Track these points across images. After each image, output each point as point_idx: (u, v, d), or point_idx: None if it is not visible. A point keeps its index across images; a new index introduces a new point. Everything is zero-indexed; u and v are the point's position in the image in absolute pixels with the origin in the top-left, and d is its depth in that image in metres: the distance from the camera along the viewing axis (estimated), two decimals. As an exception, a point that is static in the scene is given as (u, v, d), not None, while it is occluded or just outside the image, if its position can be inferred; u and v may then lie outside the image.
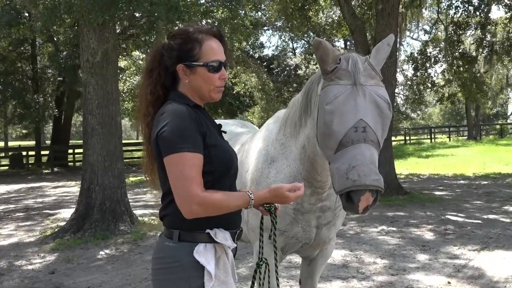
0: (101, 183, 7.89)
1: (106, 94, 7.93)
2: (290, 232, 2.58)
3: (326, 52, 2.07)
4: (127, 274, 5.74)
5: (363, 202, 1.83)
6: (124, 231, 7.75)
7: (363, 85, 1.99)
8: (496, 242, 6.61)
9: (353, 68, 2.02)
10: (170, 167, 1.74)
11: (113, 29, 7.88)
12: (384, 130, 1.99)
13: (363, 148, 1.87)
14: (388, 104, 2.00)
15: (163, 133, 1.74)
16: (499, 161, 18.43)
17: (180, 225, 1.81)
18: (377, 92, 2.00)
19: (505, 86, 37.45)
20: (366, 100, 1.96)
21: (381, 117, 1.97)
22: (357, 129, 1.90)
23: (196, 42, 1.85)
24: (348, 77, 2.01)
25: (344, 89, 1.99)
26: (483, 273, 5.23)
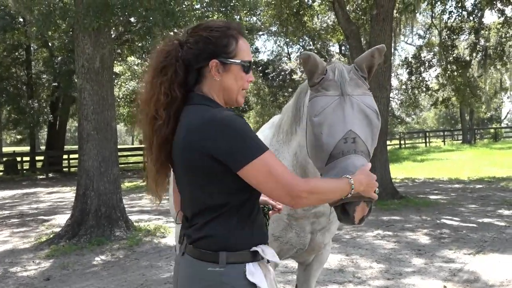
0: (96, 188, 7.86)
1: (101, 99, 7.91)
2: (284, 237, 2.57)
3: (315, 65, 2.04)
4: (122, 280, 5.71)
5: (358, 213, 1.81)
6: (120, 237, 7.72)
7: (350, 95, 1.97)
8: (491, 246, 6.64)
9: (339, 78, 2.00)
10: (254, 173, 1.57)
11: (108, 34, 7.88)
12: (373, 139, 1.98)
13: (354, 159, 1.84)
14: (376, 113, 1.98)
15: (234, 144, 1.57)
16: (493, 165, 18.52)
17: (226, 246, 1.64)
18: (365, 101, 1.98)
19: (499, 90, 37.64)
20: (354, 111, 1.94)
21: (370, 127, 1.96)
22: (347, 140, 1.88)
23: (233, 38, 1.72)
24: (335, 87, 1.99)
25: (332, 100, 1.97)
26: (478, 277, 5.25)
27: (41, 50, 23.76)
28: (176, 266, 1.80)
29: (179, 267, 1.76)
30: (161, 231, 8.31)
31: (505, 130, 45.66)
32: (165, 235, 8.10)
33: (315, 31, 20.29)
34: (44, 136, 43.00)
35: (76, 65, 8.13)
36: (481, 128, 46.88)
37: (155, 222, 9.33)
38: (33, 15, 7.89)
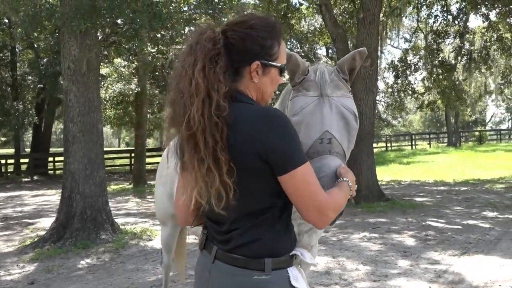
0: (82, 191, 7.79)
1: (87, 101, 7.86)
2: None
3: (297, 65, 2.04)
4: (108, 284, 5.66)
5: None
6: (106, 240, 7.66)
7: (330, 97, 1.97)
8: (476, 247, 6.70)
9: (319, 80, 2.01)
10: (295, 181, 1.49)
11: (95, 36, 7.83)
12: (350, 141, 1.98)
13: (329, 160, 1.84)
14: (354, 116, 1.98)
15: (285, 146, 1.49)
16: (478, 168, 18.74)
17: (272, 252, 1.56)
18: (344, 103, 1.98)
19: (484, 93, 38.14)
20: (332, 112, 1.95)
21: (347, 129, 1.96)
22: (323, 141, 1.88)
23: (276, 40, 1.64)
24: (315, 88, 2.00)
25: (311, 100, 1.98)
26: (463, 278, 5.30)
27: (26, 51, 23.52)
28: (206, 274, 1.65)
29: (210, 276, 1.63)
30: (147, 234, 8.26)
31: (490, 133, 46.21)
32: (152, 238, 8.05)
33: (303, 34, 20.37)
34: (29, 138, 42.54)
35: (62, 67, 8.06)
36: (466, 131, 47.41)
37: (142, 225, 9.28)
38: (19, 16, 7.82)
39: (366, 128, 11.05)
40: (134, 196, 15.25)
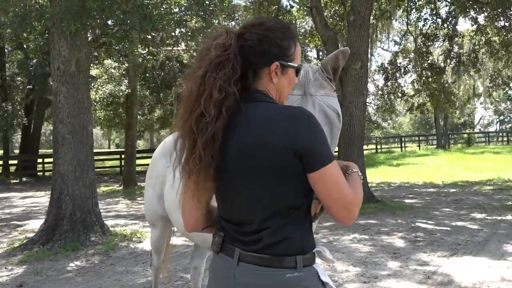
0: (71, 193, 7.74)
1: (77, 102, 7.81)
2: None
3: None
4: (98, 286, 5.62)
5: (311, 210, 1.77)
6: (95, 242, 7.60)
7: (313, 95, 2.01)
8: (464, 249, 6.76)
9: (303, 79, 2.03)
10: (325, 178, 1.51)
11: (85, 37, 7.78)
12: (332, 139, 2.00)
13: None
14: (338, 115, 2.01)
15: (317, 144, 1.52)
16: (466, 169, 18.89)
17: (302, 249, 1.57)
18: (327, 102, 2.01)
19: (472, 96, 38.47)
20: (315, 110, 1.97)
21: (329, 126, 1.99)
22: None
23: (292, 41, 1.66)
24: (299, 87, 2.03)
25: (294, 98, 2.01)
26: (452, 279, 5.33)
27: (15, 52, 23.33)
28: (229, 278, 1.60)
29: (236, 279, 1.58)
30: (137, 236, 8.22)
31: (478, 135, 46.61)
32: (142, 240, 8.01)
33: (293, 36, 20.40)
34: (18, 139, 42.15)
35: (51, 68, 8.00)
36: (455, 133, 47.79)
37: (132, 227, 9.23)
38: (8, 17, 7.76)
39: (356, 130, 11.10)
40: (124, 197, 15.17)
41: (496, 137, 46.94)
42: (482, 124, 70.68)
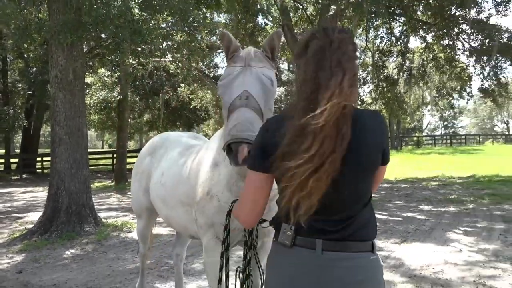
0: (67, 188, 7.58)
1: (73, 107, 7.65)
2: (232, 224, 2.52)
3: (230, 41, 2.17)
4: (91, 272, 5.52)
5: (240, 153, 1.87)
6: (89, 232, 7.47)
7: (252, 67, 2.10)
8: (414, 236, 6.87)
9: (245, 55, 2.14)
10: (385, 169, 1.74)
11: (81, 48, 7.63)
12: (266, 101, 2.06)
13: (243, 111, 1.94)
14: (271, 81, 2.09)
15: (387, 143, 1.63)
16: (416, 168, 19.24)
17: (374, 234, 1.59)
18: (263, 72, 2.09)
19: (421, 104, 39.23)
20: (252, 77, 2.06)
21: (264, 90, 2.05)
22: (241, 97, 1.98)
23: None
24: (241, 61, 2.12)
25: (236, 69, 2.10)
26: (402, 263, 5.42)
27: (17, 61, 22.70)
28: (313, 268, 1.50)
29: (322, 268, 1.49)
30: (127, 227, 8.10)
31: (426, 138, 47.57)
32: (131, 230, 7.90)
33: (267, 50, 20.44)
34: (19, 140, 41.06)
35: (50, 75, 7.82)
36: (406, 137, 48.62)
37: (122, 218, 9.10)
38: (10, 29, 7.56)
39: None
40: (115, 192, 14.93)
41: (441, 140, 48.02)
42: (429, 129, 72.17)
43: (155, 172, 3.44)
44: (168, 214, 3.19)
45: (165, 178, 3.22)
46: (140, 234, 3.92)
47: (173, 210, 3.09)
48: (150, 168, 3.55)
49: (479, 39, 14.16)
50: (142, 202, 3.67)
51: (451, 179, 14.92)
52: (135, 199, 3.79)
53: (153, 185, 3.41)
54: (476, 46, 14.47)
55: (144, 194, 3.61)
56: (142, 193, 3.64)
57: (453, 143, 44.43)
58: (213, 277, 2.64)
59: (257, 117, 1.95)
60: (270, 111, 2.09)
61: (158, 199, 3.30)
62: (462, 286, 4.54)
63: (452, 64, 16.38)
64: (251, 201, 1.62)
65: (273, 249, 1.64)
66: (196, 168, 2.83)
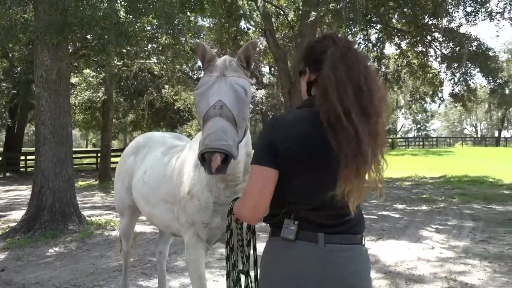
0: (51, 186, 7.41)
1: (58, 107, 7.49)
2: (212, 223, 2.54)
3: (205, 51, 2.17)
4: (74, 270, 5.41)
5: (213, 162, 1.85)
6: (73, 230, 7.32)
7: (226, 76, 2.08)
8: (389, 234, 6.95)
9: (221, 64, 2.13)
10: None
11: (66, 49, 7.47)
12: (240, 110, 2.04)
13: (217, 120, 1.92)
14: (244, 90, 2.07)
15: None
16: (390, 169, 19.31)
17: (364, 228, 1.71)
18: (237, 81, 2.08)
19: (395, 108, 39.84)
20: (226, 86, 2.05)
21: (238, 99, 2.03)
22: (215, 107, 1.96)
23: None
24: (217, 70, 2.11)
25: (211, 79, 2.09)
26: (379, 259, 5.47)
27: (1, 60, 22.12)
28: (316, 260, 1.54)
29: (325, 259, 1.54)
30: (111, 225, 7.97)
31: (399, 140, 48.26)
32: (115, 228, 7.77)
33: (250, 54, 20.45)
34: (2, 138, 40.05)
35: (35, 75, 7.63)
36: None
37: (106, 216, 8.95)
38: (-6, 29, 7.34)
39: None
40: (99, 191, 14.69)
41: (414, 142, 48.77)
42: (403, 131, 73.25)
43: (138, 171, 3.40)
44: (151, 212, 3.15)
45: (148, 176, 3.19)
46: (123, 232, 3.86)
47: (155, 208, 3.06)
48: (133, 167, 3.51)
49: (450, 46, 14.45)
50: (125, 200, 3.63)
51: (424, 179, 15.17)
52: (118, 198, 3.74)
53: (135, 183, 3.37)
54: (447, 53, 14.76)
55: (127, 192, 3.57)
56: (125, 191, 3.60)
57: (425, 145, 45.20)
58: (194, 274, 2.62)
59: (230, 126, 1.94)
60: (244, 119, 2.08)
61: (141, 197, 3.26)
62: (434, 282, 4.61)
63: (425, 70, 16.67)
64: (258, 196, 1.59)
65: (273, 245, 1.66)
66: (179, 168, 2.81)
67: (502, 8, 12.95)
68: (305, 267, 1.55)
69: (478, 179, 14.24)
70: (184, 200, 2.61)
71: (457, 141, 51.80)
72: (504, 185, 12.76)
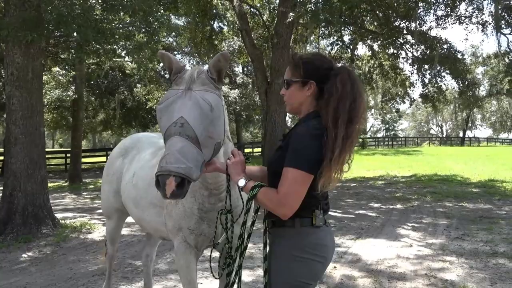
0: (23, 189, 7.13)
1: (30, 106, 7.21)
2: (198, 230, 2.50)
3: (170, 62, 2.07)
4: (51, 275, 5.23)
5: (167, 186, 1.77)
6: (47, 234, 7.07)
7: (192, 90, 1.98)
8: (367, 233, 7.06)
9: (188, 77, 2.02)
10: None
11: (39, 46, 7.21)
12: (206, 128, 1.92)
13: (176, 140, 1.82)
14: (210, 106, 1.95)
15: None
16: (362, 168, 19.82)
17: None
18: (203, 96, 1.96)
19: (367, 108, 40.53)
20: (191, 102, 1.93)
21: (202, 116, 1.91)
22: (176, 124, 1.86)
23: None
24: (183, 83, 2.01)
25: (176, 92, 1.98)
26: (359, 258, 5.56)
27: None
28: (333, 241, 2.06)
29: (333, 239, 2.07)
30: (86, 228, 7.76)
31: (369, 140, 49.28)
32: (91, 231, 7.58)
33: (224, 54, 20.37)
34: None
35: (5, 73, 7.33)
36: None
37: (80, 219, 8.70)
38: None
39: (278, 134, 11.30)
40: (70, 193, 14.27)
41: (383, 141, 49.93)
42: (372, 131, 74.85)
43: (127, 173, 3.32)
44: (140, 215, 3.09)
45: (137, 178, 3.12)
46: (109, 235, 3.77)
47: (144, 212, 2.99)
48: (122, 170, 3.43)
49: (421, 49, 14.86)
50: (112, 203, 3.54)
51: (395, 178, 15.49)
52: (105, 201, 3.64)
53: (124, 186, 3.29)
54: (418, 56, 15.18)
55: (115, 195, 3.48)
56: (113, 194, 3.50)
57: (394, 144, 46.33)
58: (185, 280, 2.57)
59: (191, 146, 1.83)
60: (211, 139, 1.95)
61: (130, 200, 3.18)
62: (416, 279, 4.72)
63: (396, 71, 17.07)
64: (300, 200, 1.81)
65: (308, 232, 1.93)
66: None
67: (470, 12, 13.43)
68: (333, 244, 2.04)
69: (448, 178, 14.69)
70: (170, 206, 2.57)
71: (424, 140, 53.36)
72: (472, 184, 13.22)
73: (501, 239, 6.35)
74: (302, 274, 1.89)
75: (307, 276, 1.90)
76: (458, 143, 50.19)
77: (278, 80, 11.04)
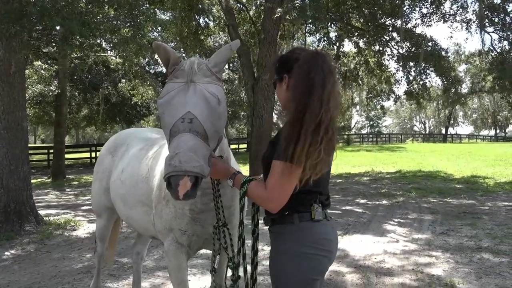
0: (6, 185, 6.98)
1: (12, 100, 7.05)
2: (190, 230, 2.42)
3: (167, 53, 1.95)
4: (35, 273, 5.13)
5: (181, 187, 1.68)
6: (30, 231, 6.94)
7: (195, 83, 1.87)
8: (354, 228, 7.12)
9: (188, 69, 1.92)
10: None
11: (21, 39, 7.03)
12: (213, 123, 1.85)
13: (187, 137, 1.74)
14: (217, 99, 1.87)
15: None
16: (347, 164, 20.00)
17: None
18: (208, 89, 1.87)
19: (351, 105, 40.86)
20: (196, 95, 1.84)
21: (210, 111, 1.83)
22: (184, 120, 1.77)
23: None
24: (183, 76, 1.89)
25: (177, 85, 1.88)
26: (348, 254, 5.60)
27: None
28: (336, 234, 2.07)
29: (336, 233, 2.08)
30: (71, 225, 7.64)
31: (354, 136, 49.72)
32: (76, 228, 7.46)
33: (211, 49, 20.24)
34: None
35: (-15, 66, 7.13)
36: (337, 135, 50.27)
37: (64, 216, 8.56)
38: None
39: (265, 129, 11.27)
40: (53, 189, 14.04)
41: (368, 138, 50.42)
42: (356, 128, 75.39)
43: (116, 170, 3.25)
44: (128, 213, 3.01)
45: (125, 175, 3.04)
46: (99, 233, 3.70)
47: (133, 210, 2.91)
48: (111, 167, 3.36)
49: (407, 46, 14.99)
50: (102, 201, 3.47)
51: (380, 174, 15.67)
52: (95, 198, 3.57)
53: (112, 183, 3.22)
54: (403, 53, 15.31)
55: (105, 193, 3.41)
56: (103, 192, 3.44)
57: (379, 141, 46.84)
58: (176, 281, 2.52)
59: (201, 144, 1.76)
60: (217, 133, 1.89)
61: (118, 197, 3.11)
62: (403, 274, 4.77)
63: (381, 68, 17.19)
64: (289, 194, 1.79)
65: (308, 226, 1.91)
66: (152, 167, 2.69)
67: (455, 10, 13.60)
68: (336, 236, 2.04)
69: (431, 174, 14.92)
70: (160, 206, 2.47)
71: (408, 137, 54.06)
72: (455, 180, 13.44)
73: (484, 234, 6.46)
74: (308, 270, 1.86)
75: (313, 272, 1.88)
76: (441, 140, 51.00)
77: (265, 76, 10.99)
